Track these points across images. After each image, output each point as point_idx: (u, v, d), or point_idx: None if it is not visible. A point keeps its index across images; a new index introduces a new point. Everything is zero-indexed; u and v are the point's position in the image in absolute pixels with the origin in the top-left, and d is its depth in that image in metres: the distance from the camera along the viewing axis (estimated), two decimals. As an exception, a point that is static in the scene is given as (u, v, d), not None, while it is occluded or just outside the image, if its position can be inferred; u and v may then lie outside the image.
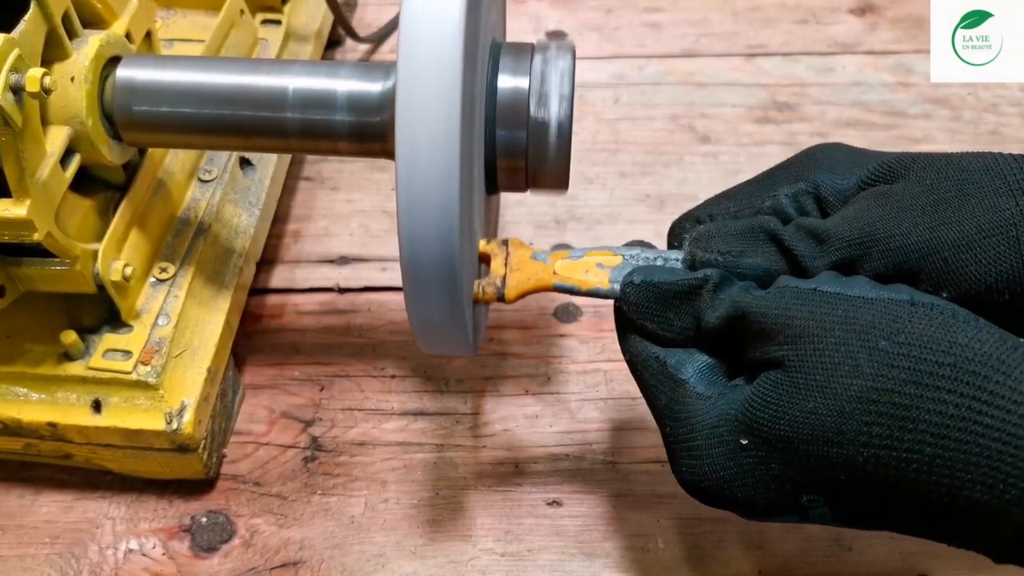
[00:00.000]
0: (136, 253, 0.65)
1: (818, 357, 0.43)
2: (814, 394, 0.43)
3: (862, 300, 0.44)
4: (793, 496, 0.45)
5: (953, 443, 0.40)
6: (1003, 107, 0.95)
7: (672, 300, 0.50)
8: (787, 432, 0.44)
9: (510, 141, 0.56)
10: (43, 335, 0.64)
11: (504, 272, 0.54)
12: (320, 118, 0.57)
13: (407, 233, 0.49)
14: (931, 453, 0.40)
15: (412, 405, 0.74)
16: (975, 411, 0.39)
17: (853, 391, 0.42)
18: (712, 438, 0.47)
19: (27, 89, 0.51)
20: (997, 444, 0.39)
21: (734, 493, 0.47)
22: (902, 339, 0.42)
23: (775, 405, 0.44)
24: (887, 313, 0.43)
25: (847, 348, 0.43)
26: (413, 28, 0.47)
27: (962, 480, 0.40)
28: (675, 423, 0.49)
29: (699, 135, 0.93)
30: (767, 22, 1.05)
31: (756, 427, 0.45)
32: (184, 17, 0.80)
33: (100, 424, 0.63)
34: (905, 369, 0.41)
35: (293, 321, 0.80)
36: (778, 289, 0.47)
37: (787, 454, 0.44)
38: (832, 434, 0.42)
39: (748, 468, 0.46)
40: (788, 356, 0.44)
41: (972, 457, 0.39)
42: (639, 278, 0.51)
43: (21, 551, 0.66)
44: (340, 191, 0.89)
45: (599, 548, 0.66)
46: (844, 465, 0.42)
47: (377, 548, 0.66)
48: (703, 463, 0.47)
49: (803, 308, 0.45)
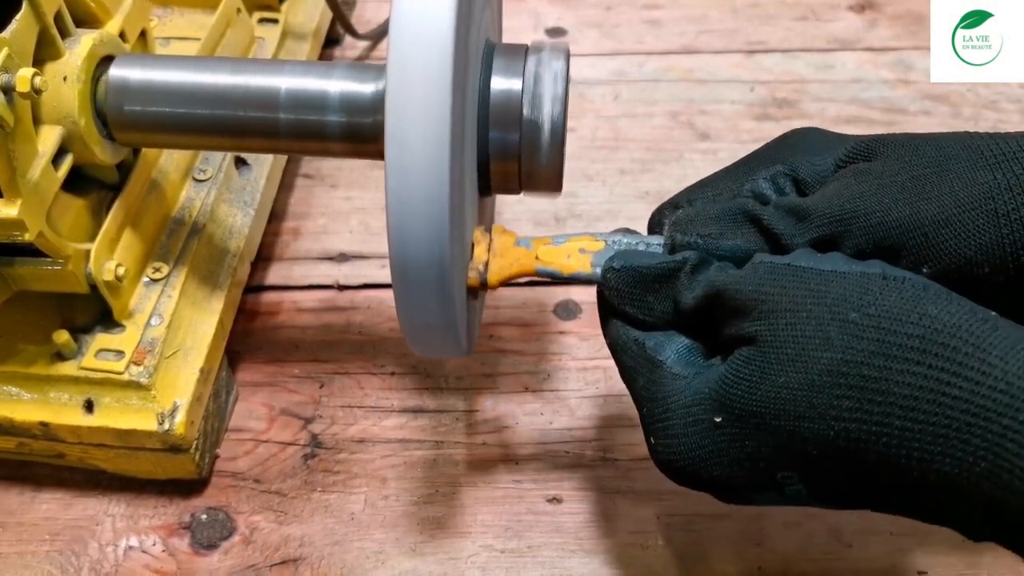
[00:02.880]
0: (129, 253, 0.65)
1: (789, 331, 0.43)
2: (785, 368, 0.43)
3: (834, 274, 0.44)
4: (767, 473, 0.45)
5: (922, 416, 0.39)
6: (1003, 104, 0.95)
7: (651, 283, 0.50)
8: (759, 407, 0.44)
9: (503, 143, 0.56)
10: (35, 335, 0.64)
11: (487, 258, 0.54)
12: (312, 119, 0.57)
13: (396, 235, 0.48)
14: (900, 426, 0.40)
15: (412, 402, 0.74)
16: (944, 383, 0.39)
17: (823, 364, 0.42)
18: (687, 417, 0.47)
19: (17, 89, 0.51)
20: (966, 416, 0.38)
21: (710, 472, 0.47)
22: (872, 311, 0.42)
23: (748, 381, 0.44)
24: (858, 286, 0.43)
25: (817, 321, 0.43)
26: (403, 29, 0.47)
27: (931, 454, 0.39)
28: (651, 403, 0.49)
29: (699, 132, 0.93)
30: (767, 19, 1.05)
31: (729, 404, 0.45)
32: (181, 16, 0.80)
33: (92, 424, 0.63)
34: (874, 341, 0.41)
35: (292, 318, 0.80)
36: (752, 266, 0.47)
37: (760, 430, 0.44)
38: (803, 408, 0.42)
39: (723, 446, 0.46)
40: (760, 331, 0.44)
41: (941, 430, 0.39)
42: (619, 263, 0.51)
43: (21, 548, 0.66)
44: (339, 188, 0.89)
45: (599, 545, 0.66)
46: (815, 440, 0.42)
47: (377, 545, 0.66)
48: (678, 442, 0.47)
49: (776, 283, 0.45)
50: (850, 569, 0.65)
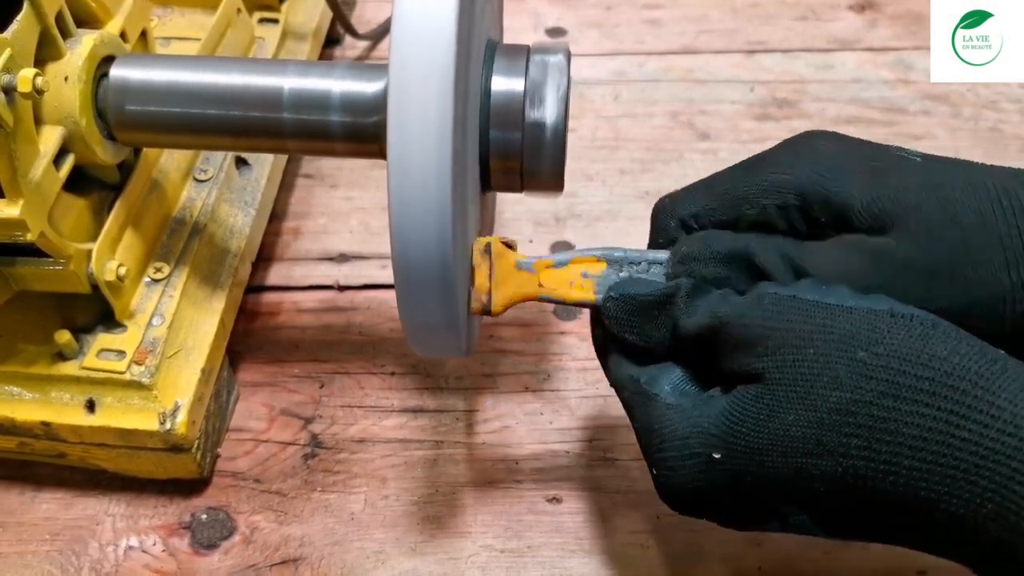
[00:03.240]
0: (130, 253, 0.65)
1: (797, 369, 0.43)
2: (794, 406, 0.43)
3: (840, 308, 0.44)
4: (771, 507, 0.45)
5: (931, 456, 0.40)
6: (1003, 104, 0.95)
7: (649, 311, 0.50)
8: (765, 444, 0.44)
9: (504, 142, 0.56)
10: (37, 335, 0.64)
11: (489, 286, 0.54)
12: (315, 119, 0.57)
13: (398, 235, 0.48)
14: (909, 466, 0.40)
15: (412, 402, 0.74)
16: (953, 425, 0.40)
17: (832, 403, 0.42)
18: (684, 450, 0.47)
19: (19, 89, 0.51)
20: (974, 458, 0.39)
21: (712, 504, 0.47)
22: (880, 350, 0.42)
23: (754, 419, 0.44)
24: (865, 323, 0.43)
25: (826, 359, 0.43)
26: (405, 29, 0.47)
27: (939, 493, 0.40)
28: (648, 435, 0.49)
29: (699, 132, 0.93)
30: (767, 19, 1.05)
31: (733, 440, 0.45)
32: (181, 15, 0.80)
33: (93, 424, 0.63)
34: (883, 381, 0.41)
35: (293, 318, 0.80)
36: (757, 296, 0.47)
37: (764, 466, 0.44)
38: (811, 446, 0.42)
39: (723, 481, 0.46)
40: (768, 368, 0.44)
41: (949, 471, 0.39)
42: (617, 292, 0.51)
43: (21, 548, 0.66)
44: (339, 188, 0.89)
45: (599, 545, 0.66)
46: (822, 477, 0.42)
47: (377, 545, 0.66)
48: (676, 475, 0.47)
49: (782, 318, 0.45)
50: (850, 569, 0.65)
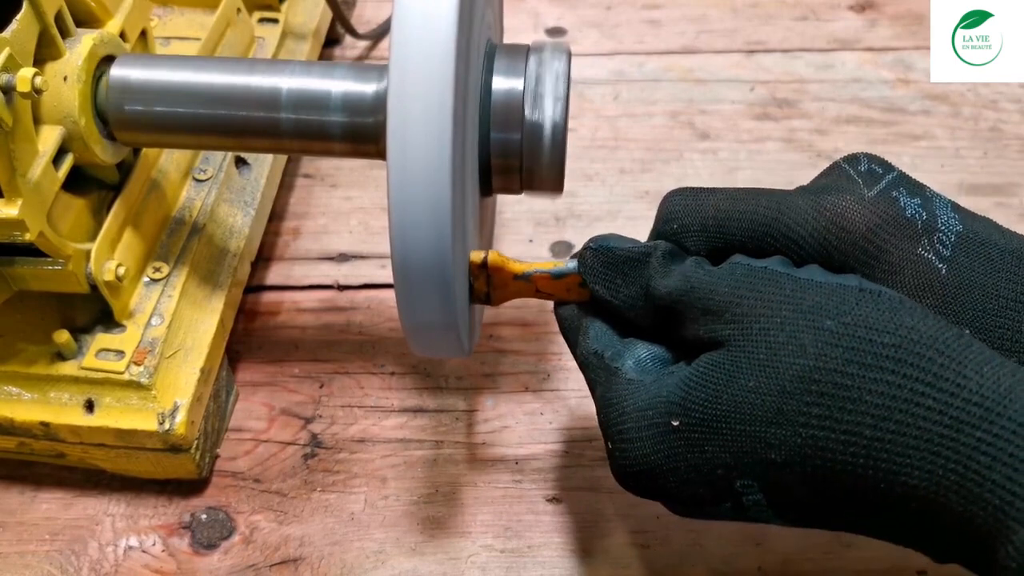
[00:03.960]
0: (129, 253, 0.65)
1: (762, 336, 0.43)
2: (755, 373, 0.43)
3: (810, 282, 0.44)
4: (726, 481, 0.45)
5: (893, 425, 0.39)
6: (1003, 103, 0.95)
7: (624, 266, 0.51)
8: (724, 411, 0.44)
9: (504, 143, 0.56)
10: (36, 335, 0.64)
11: (487, 290, 0.55)
12: (314, 119, 0.57)
13: (398, 235, 0.48)
14: (870, 436, 0.40)
15: (412, 402, 0.74)
16: (918, 393, 0.39)
17: (795, 370, 0.42)
18: (642, 420, 0.47)
19: (18, 89, 0.51)
20: (938, 427, 0.38)
21: (666, 478, 0.47)
22: (848, 320, 0.42)
23: (714, 384, 0.44)
24: (834, 295, 0.43)
25: (792, 327, 0.43)
26: (405, 29, 0.47)
27: (900, 465, 0.39)
28: (608, 409, 0.49)
29: (699, 132, 0.93)
30: (766, 19, 1.05)
31: (691, 406, 0.45)
32: (181, 15, 0.80)
33: (92, 424, 0.63)
34: (849, 349, 0.41)
35: (293, 318, 0.80)
36: (730, 265, 0.47)
37: (722, 435, 0.44)
38: (771, 414, 0.42)
39: (679, 451, 0.46)
40: (732, 335, 0.44)
41: (912, 440, 0.39)
42: (595, 244, 0.52)
43: (21, 548, 0.66)
44: (339, 188, 0.89)
45: (598, 545, 0.66)
46: (781, 446, 0.42)
47: (377, 544, 0.66)
48: (633, 447, 0.47)
49: (751, 287, 0.45)
50: (850, 569, 0.65)
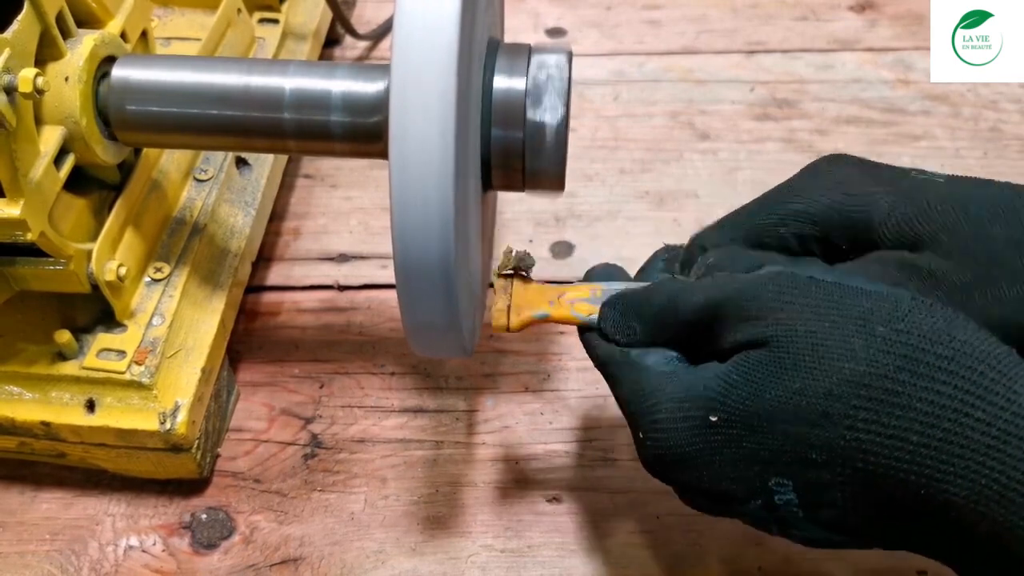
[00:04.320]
0: (131, 253, 0.65)
1: (810, 338, 0.43)
2: (802, 374, 0.43)
3: (862, 291, 0.44)
4: (760, 478, 0.45)
5: (941, 433, 0.39)
6: (1003, 104, 0.95)
7: (639, 310, 0.52)
8: (766, 410, 0.44)
9: (506, 142, 0.56)
10: (37, 334, 0.64)
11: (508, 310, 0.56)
12: (316, 119, 0.57)
13: (400, 235, 0.48)
14: (917, 441, 0.40)
15: (412, 402, 0.74)
16: (968, 404, 0.39)
17: (845, 374, 0.42)
18: (678, 412, 0.47)
19: (20, 89, 0.51)
20: (985, 439, 0.39)
21: (699, 471, 0.47)
22: (901, 327, 0.42)
23: (756, 383, 0.44)
24: (887, 302, 0.43)
25: (842, 332, 0.43)
26: (407, 28, 0.47)
27: (944, 472, 0.39)
28: (638, 399, 0.49)
29: (698, 132, 0.93)
30: (767, 19, 1.05)
31: (731, 404, 0.45)
32: (182, 15, 0.80)
33: (93, 424, 0.63)
34: (901, 356, 0.41)
35: (293, 318, 0.80)
36: (771, 273, 0.47)
37: (762, 433, 0.44)
38: (816, 415, 0.42)
39: (716, 445, 0.46)
40: (777, 336, 0.44)
41: (958, 449, 0.39)
42: (612, 299, 0.53)
43: (21, 548, 0.66)
44: (339, 188, 0.89)
45: (599, 544, 0.66)
46: (823, 447, 0.42)
47: (377, 544, 0.66)
48: (668, 436, 0.47)
49: (797, 293, 0.45)
50: (850, 569, 0.65)
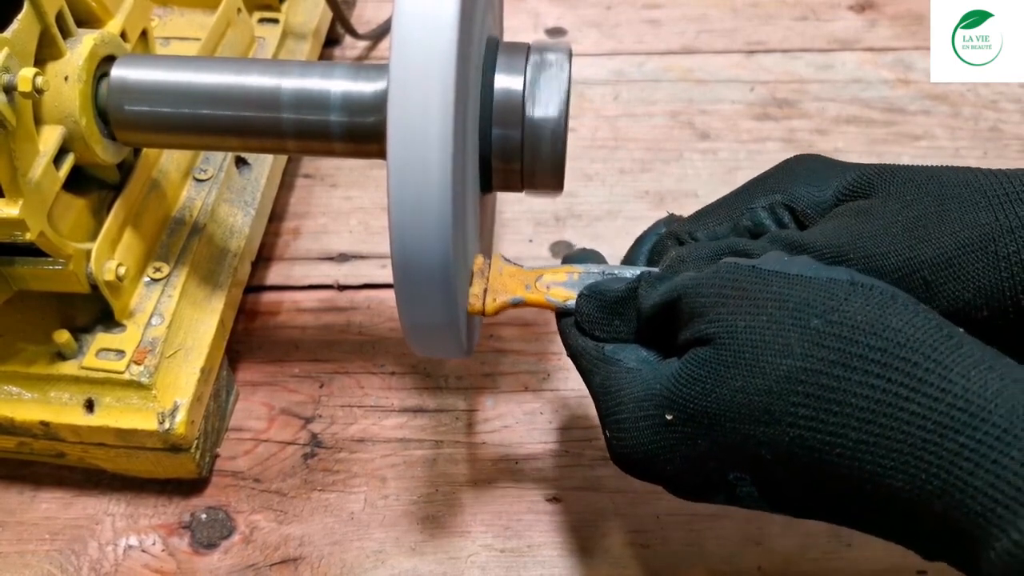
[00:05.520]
0: (130, 253, 0.65)
1: (748, 334, 0.43)
2: (742, 372, 0.43)
3: (799, 278, 0.44)
4: (719, 473, 0.45)
5: (878, 428, 0.39)
6: (1003, 104, 0.95)
7: (616, 306, 0.51)
8: (713, 409, 0.44)
9: (505, 141, 0.56)
10: (36, 334, 0.64)
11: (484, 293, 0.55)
12: (314, 119, 0.57)
13: (398, 235, 0.48)
14: (855, 438, 0.40)
15: (411, 402, 0.74)
16: (902, 397, 0.39)
17: (782, 371, 0.42)
18: (638, 411, 0.47)
19: (19, 89, 0.51)
20: (922, 432, 0.38)
21: (663, 467, 0.47)
22: (835, 318, 0.41)
23: (702, 382, 0.44)
24: (823, 291, 0.43)
25: (778, 326, 0.42)
26: (406, 29, 0.47)
27: (884, 468, 0.39)
28: (605, 397, 0.49)
29: (698, 132, 0.93)
30: (767, 19, 1.05)
31: (682, 403, 0.45)
32: (181, 15, 0.80)
33: (93, 423, 0.63)
34: (835, 350, 0.41)
35: (293, 318, 0.80)
36: (716, 267, 0.47)
37: (713, 431, 0.44)
38: (759, 413, 0.42)
39: (674, 443, 0.46)
40: (719, 333, 0.44)
41: (896, 444, 0.39)
42: (588, 290, 0.52)
43: (21, 547, 0.66)
44: (339, 188, 0.89)
45: (598, 544, 0.66)
46: (769, 444, 0.42)
47: (376, 544, 0.66)
48: (630, 436, 0.47)
49: (737, 285, 0.45)
50: (850, 569, 0.65)
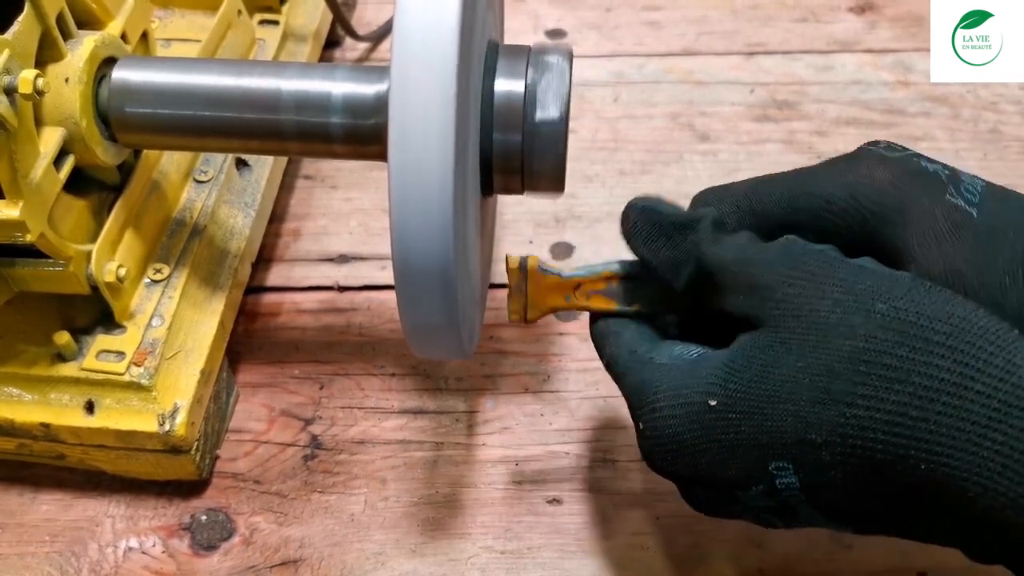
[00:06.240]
0: (130, 254, 0.65)
1: (812, 317, 0.43)
2: (805, 353, 0.43)
3: (865, 269, 0.44)
4: (760, 462, 0.45)
5: (940, 407, 0.39)
6: (1002, 105, 0.95)
7: (668, 228, 0.51)
8: (768, 391, 0.44)
9: (506, 144, 0.56)
10: (36, 336, 0.64)
11: (525, 300, 0.57)
12: (315, 120, 0.57)
13: (399, 237, 0.48)
14: (916, 416, 0.40)
15: (412, 403, 0.74)
16: (967, 377, 0.39)
17: (845, 351, 0.42)
18: (676, 399, 0.47)
19: (20, 91, 0.51)
20: (986, 411, 0.38)
21: (697, 458, 0.47)
22: (900, 304, 0.42)
23: (759, 365, 0.44)
24: (888, 280, 0.43)
25: (843, 309, 0.43)
26: (407, 30, 0.47)
27: (943, 447, 0.39)
28: (641, 389, 0.49)
29: (698, 133, 0.93)
30: (766, 20, 1.05)
31: (732, 387, 0.45)
32: (182, 17, 0.80)
33: (93, 425, 0.63)
34: (900, 332, 0.41)
35: (293, 319, 0.80)
36: (785, 243, 0.47)
37: (762, 414, 0.44)
38: (817, 393, 0.42)
39: (714, 431, 0.46)
40: (782, 314, 0.44)
41: (958, 423, 0.39)
42: (642, 205, 0.52)
43: (21, 549, 0.66)
44: (339, 189, 0.89)
45: (599, 546, 0.66)
46: (823, 426, 0.42)
47: (377, 546, 0.66)
48: (666, 423, 0.47)
49: (805, 267, 0.45)
50: (850, 571, 0.65)
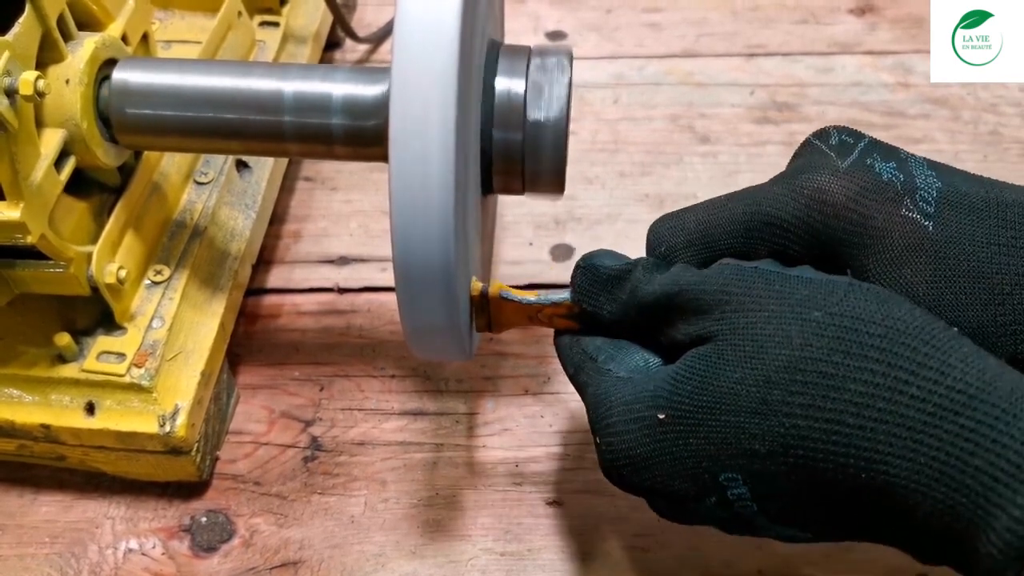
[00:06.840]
0: (131, 256, 0.65)
1: (749, 329, 0.43)
2: (741, 364, 0.43)
3: (800, 279, 0.44)
4: (711, 474, 0.45)
5: (876, 413, 0.39)
6: (1002, 107, 0.95)
7: (606, 283, 0.51)
8: (709, 403, 0.44)
9: (506, 144, 0.56)
10: (37, 337, 0.64)
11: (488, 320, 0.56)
12: (316, 122, 0.57)
13: (400, 238, 0.48)
14: (852, 424, 0.40)
15: (412, 405, 0.74)
16: (901, 381, 0.39)
17: (781, 360, 0.42)
18: (628, 414, 0.47)
19: (20, 92, 0.51)
20: (920, 415, 0.38)
21: (651, 472, 0.47)
22: (835, 310, 0.42)
23: (700, 377, 0.44)
24: (824, 288, 0.43)
25: (779, 319, 0.43)
26: (408, 32, 0.47)
27: (881, 453, 0.39)
28: (596, 405, 0.50)
29: (698, 135, 0.93)
30: (767, 22, 1.05)
31: (677, 399, 0.45)
32: (182, 19, 0.80)
33: (93, 426, 0.63)
34: (835, 339, 0.41)
35: (293, 321, 0.80)
36: (718, 267, 0.47)
37: (707, 426, 0.44)
38: (756, 404, 0.42)
39: (665, 444, 0.46)
40: (721, 329, 0.44)
41: (894, 428, 0.39)
42: (584, 262, 0.52)
43: (21, 551, 0.66)
44: (339, 191, 0.89)
45: (599, 548, 0.66)
46: (764, 436, 0.42)
47: (377, 548, 0.66)
48: (620, 440, 0.47)
49: (741, 284, 0.45)
50: (850, 571, 0.65)
